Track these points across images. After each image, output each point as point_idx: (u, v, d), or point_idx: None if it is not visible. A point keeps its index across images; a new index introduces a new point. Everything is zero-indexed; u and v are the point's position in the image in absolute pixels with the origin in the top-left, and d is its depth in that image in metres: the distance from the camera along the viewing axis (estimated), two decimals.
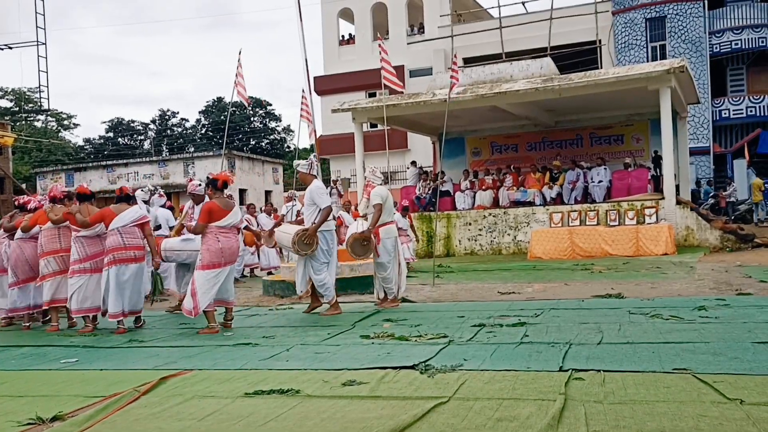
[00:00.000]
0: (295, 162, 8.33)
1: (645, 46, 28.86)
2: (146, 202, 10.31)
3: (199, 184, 8.86)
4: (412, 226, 14.30)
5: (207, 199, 7.82)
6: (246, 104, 13.20)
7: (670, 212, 16.09)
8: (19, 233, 8.26)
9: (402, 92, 16.68)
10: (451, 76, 12.71)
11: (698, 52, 28.15)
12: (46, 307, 8.11)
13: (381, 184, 8.75)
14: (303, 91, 15.17)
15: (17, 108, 47.06)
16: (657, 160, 18.73)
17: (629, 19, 29.14)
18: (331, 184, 19.89)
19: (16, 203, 8.99)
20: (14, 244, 8.33)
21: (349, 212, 13.66)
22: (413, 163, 23.87)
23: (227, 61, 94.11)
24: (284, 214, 13.90)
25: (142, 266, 7.69)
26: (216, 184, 7.45)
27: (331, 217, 8.18)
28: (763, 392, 3.90)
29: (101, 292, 7.58)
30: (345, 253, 8.71)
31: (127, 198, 7.89)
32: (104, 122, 67.60)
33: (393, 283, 8.53)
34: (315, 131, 13.52)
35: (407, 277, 9.12)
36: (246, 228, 9.26)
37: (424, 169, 23.38)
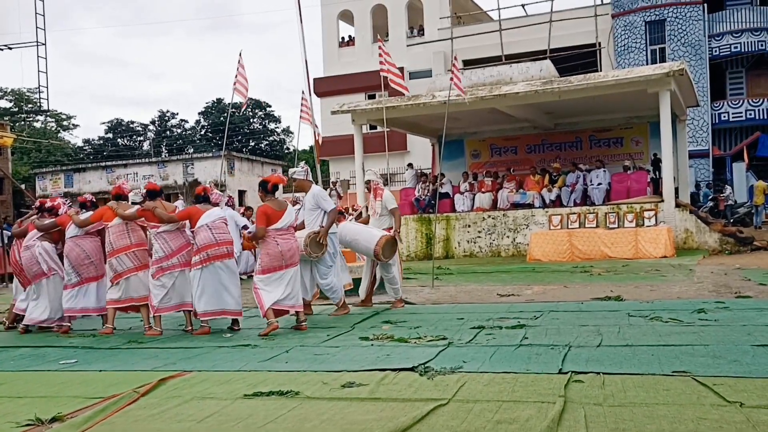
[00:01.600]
0: (291, 170, 8.34)
1: (644, 49, 28.89)
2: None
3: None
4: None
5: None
6: (243, 105, 13.12)
7: (670, 215, 16.09)
8: (73, 230, 7.90)
9: (405, 94, 16.67)
10: (451, 78, 12.70)
11: (698, 55, 28.18)
12: (112, 307, 7.66)
13: (385, 188, 8.84)
14: (303, 92, 15.18)
15: (17, 108, 47.02)
16: (656, 163, 18.74)
17: (629, 22, 29.17)
18: (331, 186, 19.88)
19: (37, 205, 8.66)
20: (71, 243, 7.86)
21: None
22: (410, 165, 23.89)
23: (227, 62, 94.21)
24: None
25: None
26: (266, 187, 7.36)
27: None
28: (762, 395, 3.90)
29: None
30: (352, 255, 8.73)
31: (157, 194, 7.71)
32: (103, 123, 67.48)
33: (398, 283, 8.61)
34: (319, 133, 13.49)
35: (404, 278, 9.14)
36: (244, 228, 9.24)
37: (422, 170, 23.38)
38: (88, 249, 7.88)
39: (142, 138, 62.87)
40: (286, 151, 57.98)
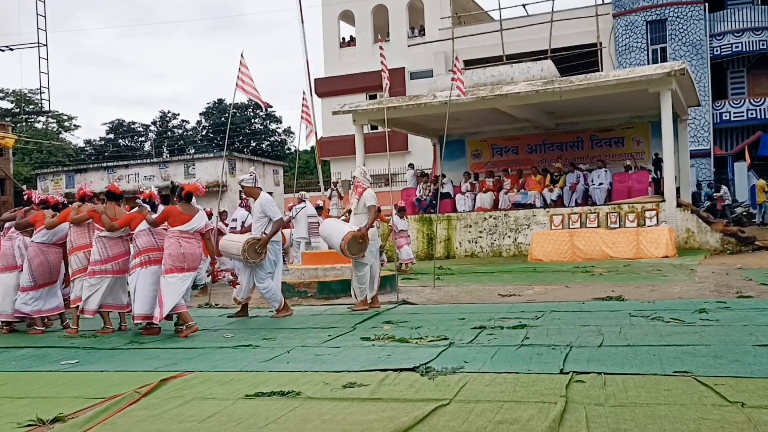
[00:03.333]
0: (239, 177, 8.44)
1: (646, 48, 28.87)
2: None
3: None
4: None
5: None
6: (263, 105, 13.21)
7: (671, 215, 16.08)
8: (41, 235, 7.98)
9: (388, 96, 16.63)
10: (453, 79, 12.69)
11: (699, 54, 28.15)
12: (73, 306, 7.81)
13: (369, 187, 8.79)
14: (303, 93, 15.17)
15: (18, 109, 47.06)
16: (657, 163, 18.73)
17: (630, 21, 29.15)
18: (332, 186, 19.88)
19: (29, 198, 8.68)
20: (35, 247, 7.98)
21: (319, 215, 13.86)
22: (411, 165, 23.92)
23: (228, 62, 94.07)
24: (293, 216, 13.88)
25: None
26: (180, 194, 7.51)
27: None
28: (764, 395, 3.89)
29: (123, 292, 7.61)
30: (337, 255, 8.76)
31: (117, 197, 7.96)
32: (105, 124, 67.64)
33: (366, 284, 8.62)
34: (316, 133, 13.48)
35: (405, 279, 9.13)
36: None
37: (422, 171, 23.39)
38: (51, 257, 8.04)
39: (143, 138, 62.90)
40: (287, 152, 58.00)
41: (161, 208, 7.75)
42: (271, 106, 61.35)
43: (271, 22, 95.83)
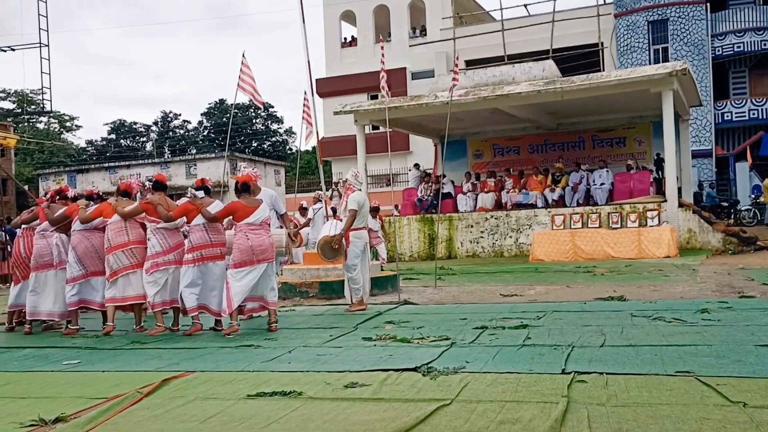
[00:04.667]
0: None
1: (647, 48, 28.85)
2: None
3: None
4: (382, 227, 14.33)
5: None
6: (260, 105, 13.15)
7: (673, 215, 16.07)
8: (78, 224, 7.73)
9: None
10: (453, 78, 12.70)
11: (700, 54, 28.13)
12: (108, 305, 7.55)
13: (360, 190, 8.84)
14: (305, 93, 15.16)
15: (20, 110, 47.11)
16: (659, 163, 18.72)
17: (631, 21, 29.13)
18: (333, 186, 19.89)
19: (50, 194, 8.57)
20: (77, 235, 7.73)
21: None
22: (416, 165, 23.92)
23: (230, 63, 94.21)
24: (311, 218, 13.85)
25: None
26: (236, 186, 7.43)
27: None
28: (766, 395, 3.89)
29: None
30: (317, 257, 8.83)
31: (164, 187, 7.74)
32: (106, 124, 67.73)
33: (360, 284, 8.64)
34: (317, 133, 13.46)
35: (407, 279, 9.12)
36: None
37: (426, 171, 23.38)
38: (96, 242, 7.77)
39: (144, 139, 62.95)
40: (289, 152, 58.01)
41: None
42: (273, 107, 61.46)
43: (273, 22, 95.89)
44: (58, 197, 8.39)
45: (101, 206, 7.86)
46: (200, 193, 7.43)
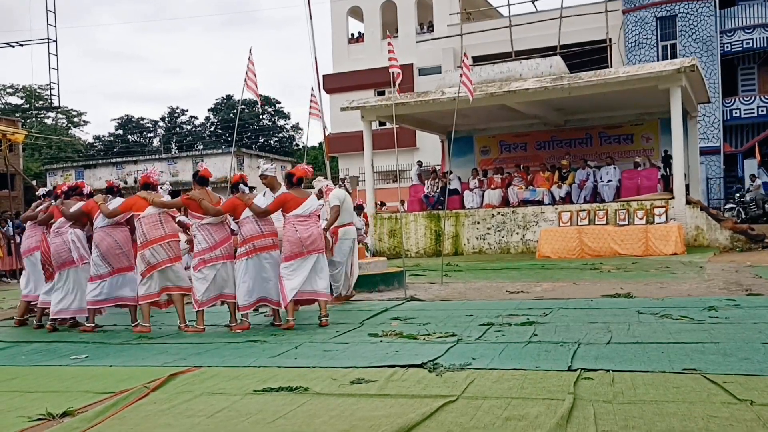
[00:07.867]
0: (264, 166, 7.88)
1: (655, 45, 28.72)
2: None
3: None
4: (366, 224, 14.38)
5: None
6: (258, 101, 13.14)
7: (680, 212, 16.01)
8: (101, 220, 7.50)
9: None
10: (461, 75, 12.65)
11: (709, 51, 27.99)
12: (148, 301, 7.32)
13: (339, 188, 9.20)
14: (312, 89, 15.19)
15: (28, 105, 47.29)
16: (667, 160, 18.63)
17: (640, 17, 29.00)
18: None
19: (42, 192, 8.49)
20: (99, 232, 7.50)
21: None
22: (419, 163, 23.95)
23: (238, 59, 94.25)
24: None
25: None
26: (291, 179, 7.42)
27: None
28: None
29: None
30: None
31: (207, 182, 7.52)
32: (114, 120, 67.87)
33: (341, 281, 8.97)
34: (325, 128, 13.48)
35: (413, 275, 9.14)
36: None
37: (426, 167, 23.37)
38: (119, 239, 7.56)
39: (152, 134, 63.10)
40: (296, 148, 58.05)
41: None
42: (279, 102, 61.39)
43: (285, 18, 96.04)
44: (73, 193, 8.20)
45: (131, 200, 7.56)
46: (245, 189, 7.40)
